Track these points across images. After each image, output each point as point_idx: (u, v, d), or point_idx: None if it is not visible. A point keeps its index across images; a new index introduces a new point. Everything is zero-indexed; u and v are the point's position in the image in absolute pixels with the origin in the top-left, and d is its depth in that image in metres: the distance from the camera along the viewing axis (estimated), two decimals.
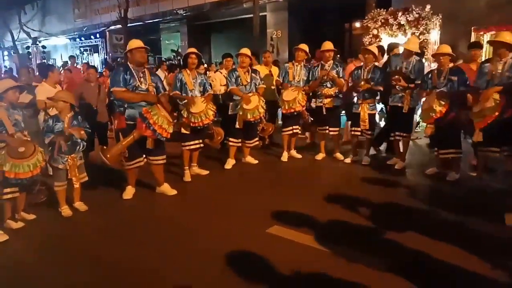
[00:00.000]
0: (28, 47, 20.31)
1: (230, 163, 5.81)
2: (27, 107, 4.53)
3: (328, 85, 5.82)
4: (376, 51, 5.73)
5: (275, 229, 3.67)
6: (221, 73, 6.60)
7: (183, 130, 5.20)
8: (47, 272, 3.07)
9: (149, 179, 4.79)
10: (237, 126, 5.61)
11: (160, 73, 7.99)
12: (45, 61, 18.46)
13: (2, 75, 5.78)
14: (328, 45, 5.83)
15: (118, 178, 4.96)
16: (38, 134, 4.34)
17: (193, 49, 5.28)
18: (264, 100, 5.61)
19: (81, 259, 3.25)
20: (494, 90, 4.09)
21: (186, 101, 5.06)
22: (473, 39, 8.85)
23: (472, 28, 8.83)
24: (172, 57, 16.29)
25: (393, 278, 2.80)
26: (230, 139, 5.76)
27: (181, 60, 13.23)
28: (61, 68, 11.07)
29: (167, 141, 4.53)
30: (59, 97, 4.15)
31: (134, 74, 4.30)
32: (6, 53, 23.70)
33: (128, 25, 16.32)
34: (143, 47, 4.38)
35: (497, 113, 4.04)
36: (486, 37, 8.68)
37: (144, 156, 4.52)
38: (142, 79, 4.34)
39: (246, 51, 5.64)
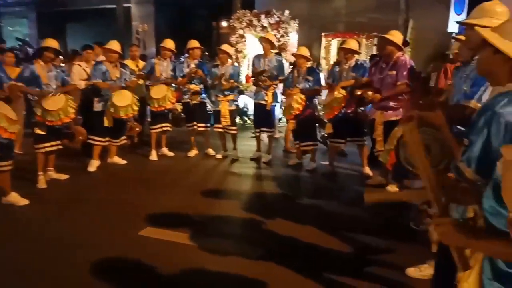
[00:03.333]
0: None
1: (94, 165, 5.33)
2: None
3: (196, 81, 5.89)
4: (231, 50, 6.09)
5: (148, 230, 3.53)
6: (80, 66, 5.98)
7: (36, 130, 4.56)
8: None
9: None
10: (106, 124, 5.20)
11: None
12: None
13: None
14: (194, 43, 5.90)
15: None
16: None
17: (51, 43, 4.59)
18: (138, 98, 5.37)
19: None
20: (340, 85, 4.92)
21: (38, 96, 4.44)
22: (323, 43, 10.07)
23: (323, 34, 10.02)
24: (18, 46, 14.05)
25: (265, 265, 2.98)
26: (95, 138, 5.29)
27: (28, 50, 11.59)
28: None
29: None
30: None
31: None
32: None
33: None
34: None
35: (342, 105, 4.88)
36: (334, 42, 9.97)
37: None
38: None
39: (115, 45, 5.26)
